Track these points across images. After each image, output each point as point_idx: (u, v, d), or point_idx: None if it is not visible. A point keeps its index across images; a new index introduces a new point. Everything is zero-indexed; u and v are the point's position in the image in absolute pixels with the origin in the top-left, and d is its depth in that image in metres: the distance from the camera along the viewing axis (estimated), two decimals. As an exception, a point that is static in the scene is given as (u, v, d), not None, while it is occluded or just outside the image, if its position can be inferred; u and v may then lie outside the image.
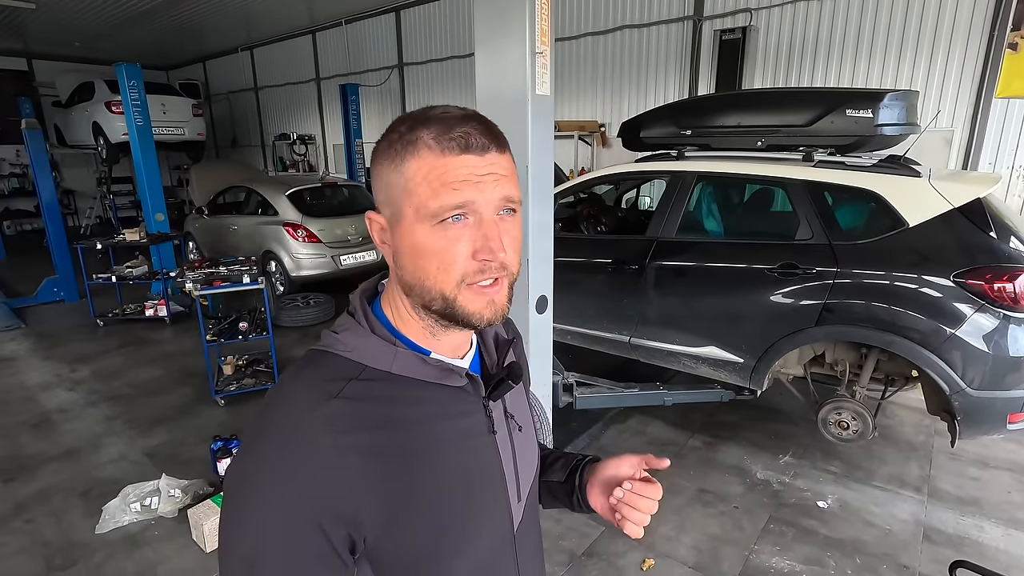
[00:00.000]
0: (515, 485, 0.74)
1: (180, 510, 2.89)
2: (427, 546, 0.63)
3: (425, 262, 0.61)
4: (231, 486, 0.60)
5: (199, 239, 7.94)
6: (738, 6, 5.87)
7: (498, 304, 0.63)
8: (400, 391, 0.63)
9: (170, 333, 5.81)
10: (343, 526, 0.57)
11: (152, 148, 6.64)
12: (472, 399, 0.69)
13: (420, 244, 0.60)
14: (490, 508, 0.71)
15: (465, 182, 0.59)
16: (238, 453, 0.61)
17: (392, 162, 0.62)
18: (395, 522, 0.60)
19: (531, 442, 0.81)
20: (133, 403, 4.20)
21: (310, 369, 0.63)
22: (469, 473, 0.67)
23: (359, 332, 0.65)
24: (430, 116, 0.62)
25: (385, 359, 0.63)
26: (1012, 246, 2.66)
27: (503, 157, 0.62)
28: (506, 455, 0.73)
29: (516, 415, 0.77)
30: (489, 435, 0.70)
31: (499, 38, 2.61)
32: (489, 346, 0.77)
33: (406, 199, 0.60)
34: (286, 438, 0.58)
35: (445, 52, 8.75)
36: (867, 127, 3.05)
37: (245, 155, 13.62)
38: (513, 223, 0.63)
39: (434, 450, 0.64)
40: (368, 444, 0.59)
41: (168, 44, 11.89)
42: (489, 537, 0.71)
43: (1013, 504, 2.91)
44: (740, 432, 3.62)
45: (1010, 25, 4.62)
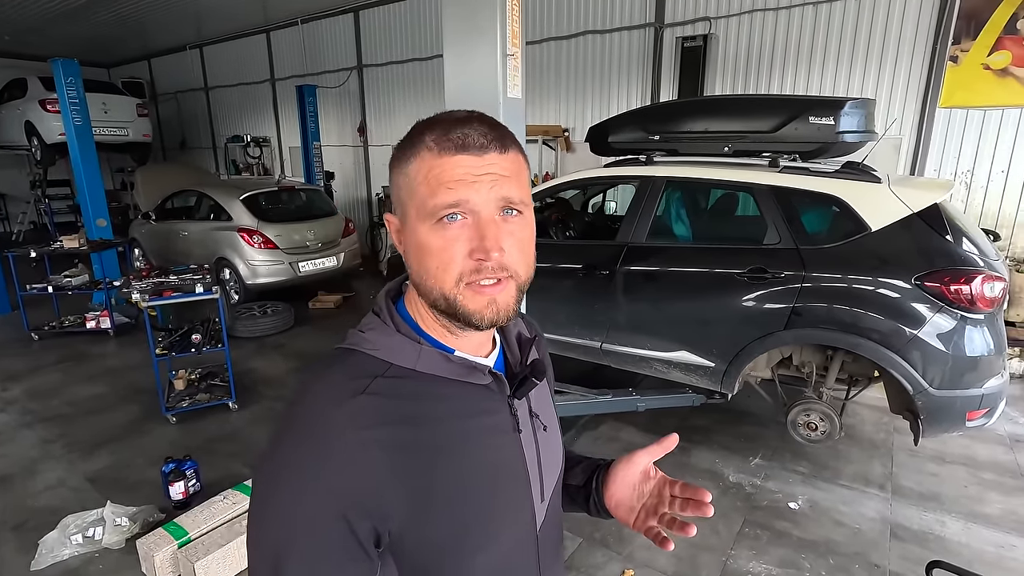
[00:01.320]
0: (539, 485, 0.74)
1: (128, 540, 2.67)
2: (450, 541, 0.63)
3: (426, 261, 0.62)
4: (259, 481, 0.61)
5: (146, 246, 7.52)
6: (697, 15, 5.99)
7: (500, 305, 0.62)
8: (425, 388, 0.64)
9: (114, 346, 5.45)
10: (368, 519, 0.58)
11: (92, 149, 6.24)
12: (497, 397, 0.69)
13: (422, 243, 0.62)
14: (514, 506, 0.71)
15: (460, 181, 0.60)
16: (266, 449, 0.62)
17: (400, 165, 0.64)
18: (419, 517, 0.60)
19: (556, 442, 0.81)
20: (73, 423, 3.90)
21: (336, 366, 0.64)
22: (493, 471, 0.68)
23: (385, 331, 0.66)
24: (436, 119, 0.64)
25: (410, 357, 0.64)
26: (966, 249, 2.76)
27: (505, 157, 0.62)
28: (530, 454, 0.73)
29: (541, 414, 0.77)
30: (514, 433, 0.71)
31: (469, 40, 2.54)
32: (512, 345, 0.78)
33: (410, 200, 0.63)
34: (312, 434, 0.59)
35: (406, 54, 8.60)
36: (829, 134, 3.12)
37: (195, 157, 13.03)
38: (519, 224, 0.63)
39: (458, 447, 0.64)
40: (393, 439, 0.60)
41: (109, 40, 11.24)
42: (512, 535, 0.71)
43: (970, 498, 3.02)
44: (711, 435, 3.65)
45: (951, 39, 4.86)
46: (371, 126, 9.49)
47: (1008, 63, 4.68)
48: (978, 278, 2.64)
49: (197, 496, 3.00)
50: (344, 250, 6.95)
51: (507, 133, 0.64)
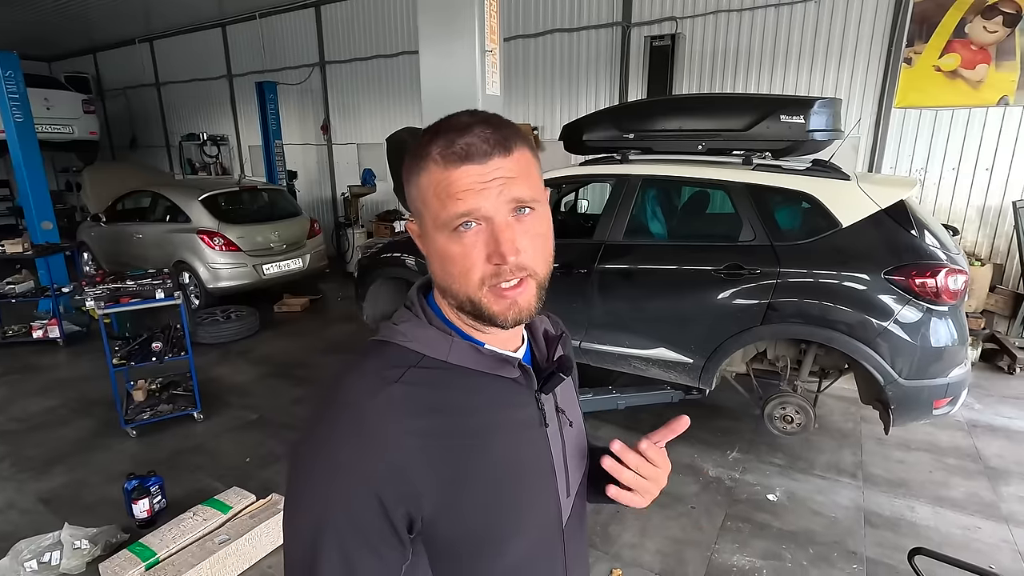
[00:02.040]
0: (565, 480, 0.76)
1: (89, 564, 2.50)
2: (479, 531, 0.65)
3: (450, 267, 0.64)
4: (294, 469, 0.63)
5: (96, 249, 7.14)
6: (664, 14, 6.06)
7: (521, 305, 0.64)
8: (456, 379, 0.66)
9: (64, 357, 5.14)
10: (402, 504, 0.59)
11: (35, 147, 5.87)
12: (525, 392, 0.71)
13: (442, 251, 0.64)
14: (540, 500, 0.72)
15: (468, 191, 0.60)
16: (301, 437, 0.63)
17: (411, 176, 0.65)
18: (450, 504, 0.62)
19: (581, 438, 0.83)
20: (21, 440, 3.65)
21: (371, 357, 0.67)
22: (520, 464, 0.69)
23: (418, 323, 0.68)
24: (440, 127, 0.64)
25: (442, 349, 0.66)
26: (930, 243, 2.86)
27: (509, 159, 0.62)
28: (556, 449, 0.74)
29: (567, 411, 0.79)
30: (541, 428, 0.72)
31: (447, 36, 2.48)
32: (539, 341, 0.79)
33: (424, 211, 0.65)
34: (348, 421, 0.61)
35: (370, 51, 8.42)
36: (799, 132, 3.18)
37: (147, 156, 12.46)
38: (534, 221, 0.64)
39: (488, 438, 0.66)
40: (426, 427, 0.61)
41: (48, 32, 10.60)
42: (538, 529, 0.72)
43: (936, 483, 3.14)
44: (689, 431, 3.57)
45: (905, 42, 5.06)
46: (335, 124, 9.26)
47: (957, 65, 4.91)
48: (942, 272, 2.74)
49: (163, 514, 2.84)
50: (310, 251, 6.75)
51: (510, 132, 0.63)
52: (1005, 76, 4.75)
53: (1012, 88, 4.74)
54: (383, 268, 4.48)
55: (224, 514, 2.65)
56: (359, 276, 4.76)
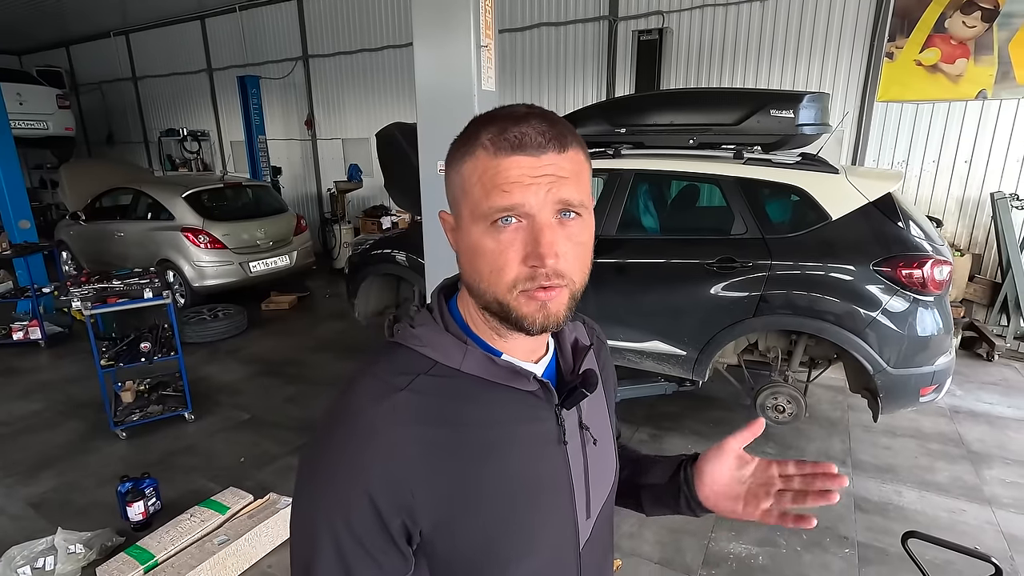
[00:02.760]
0: (584, 500, 0.72)
1: (84, 568, 2.47)
2: (481, 550, 0.62)
3: (479, 263, 0.60)
4: (300, 469, 0.63)
5: (75, 248, 6.98)
6: (651, 8, 6.08)
7: (551, 311, 0.60)
8: (468, 389, 0.63)
9: (47, 359, 5.03)
10: (399, 515, 0.58)
11: (10, 144, 5.73)
12: (543, 405, 0.67)
13: (475, 245, 0.60)
14: (553, 521, 0.69)
15: (516, 183, 0.57)
16: (309, 441, 0.63)
17: (455, 163, 0.62)
18: (451, 520, 0.60)
19: (608, 457, 0.78)
20: (7, 444, 3.58)
21: (383, 361, 0.65)
22: (532, 482, 0.66)
23: (434, 328, 0.66)
24: (494, 115, 0.61)
25: (456, 357, 0.64)
26: (916, 235, 2.93)
27: (564, 157, 0.59)
28: (577, 468, 0.71)
29: (592, 427, 0.74)
30: (559, 445, 0.69)
31: (442, 30, 2.46)
32: (566, 351, 0.74)
33: (463, 200, 0.61)
34: (353, 426, 0.59)
35: (355, 44, 8.32)
36: (789, 126, 3.24)
37: (125, 153, 12.18)
38: (578, 227, 0.60)
39: (496, 452, 0.63)
40: (430, 438, 0.59)
41: (20, 25, 10.30)
42: (551, 551, 0.68)
43: (921, 468, 3.23)
44: (682, 422, 3.74)
45: (887, 36, 5.15)
46: (320, 119, 9.15)
47: (937, 60, 5.01)
48: (928, 262, 2.81)
49: (158, 516, 2.81)
50: (297, 248, 6.68)
51: (567, 130, 0.60)
52: (983, 70, 4.86)
53: (990, 82, 4.86)
54: (374, 265, 4.46)
55: (222, 515, 2.63)
56: (350, 273, 4.73)
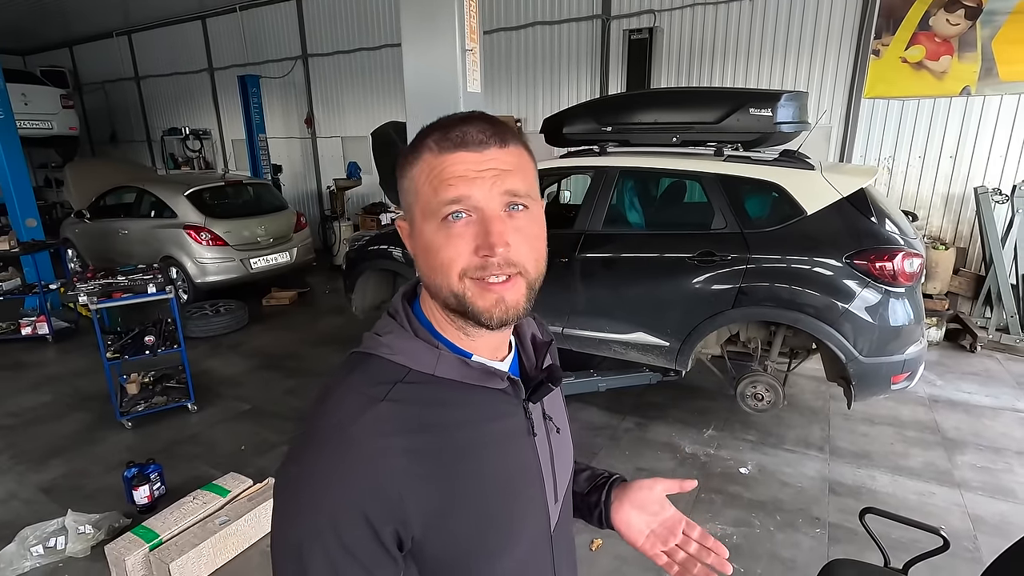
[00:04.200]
0: (552, 486, 0.75)
1: (94, 547, 2.61)
2: (470, 547, 0.64)
3: (433, 259, 0.62)
4: (281, 489, 0.62)
5: (80, 246, 7.13)
6: (643, 7, 6.18)
7: (509, 303, 0.61)
8: (443, 394, 0.64)
9: (54, 353, 5.18)
10: (391, 523, 0.58)
11: (17, 144, 5.88)
12: (512, 401, 0.70)
13: (428, 243, 0.62)
14: (531, 509, 0.72)
15: (461, 178, 0.59)
16: (287, 456, 0.62)
17: (405, 170, 0.65)
18: (439, 522, 0.61)
19: (568, 443, 0.83)
20: (18, 434, 3.72)
21: (356, 373, 0.65)
22: (510, 475, 0.69)
23: (403, 335, 0.66)
24: (439, 122, 0.64)
25: (428, 362, 0.64)
26: (888, 229, 3.04)
27: (506, 151, 0.62)
28: (544, 457, 0.74)
29: (554, 417, 0.78)
30: (529, 437, 0.72)
31: (428, 35, 2.58)
32: (528, 348, 0.78)
33: (415, 202, 0.63)
34: (335, 441, 0.59)
35: (353, 43, 8.43)
36: (767, 124, 3.34)
37: (128, 151, 12.33)
38: (526, 219, 0.62)
39: (477, 452, 0.65)
40: (414, 446, 0.60)
41: (24, 25, 10.43)
42: (529, 538, 0.71)
43: (896, 454, 3.34)
44: (667, 411, 3.86)
45: (873, 34, 5.24)
46: (319, 117, 9.27)
47: (922, 57, 5.09)
48: (899, 255, 2.92)
49: (162, 500, 2.95)
50: (297, 245, 6.81)
51: (508, 129, 0.63)
52: (967, 67, 4.95)
53: (974, 79, 4.94)
54: (371, 260, 4.59)
55: (223, 497, 2.76)
56: (347, 268, 4.86)
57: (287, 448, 0.65)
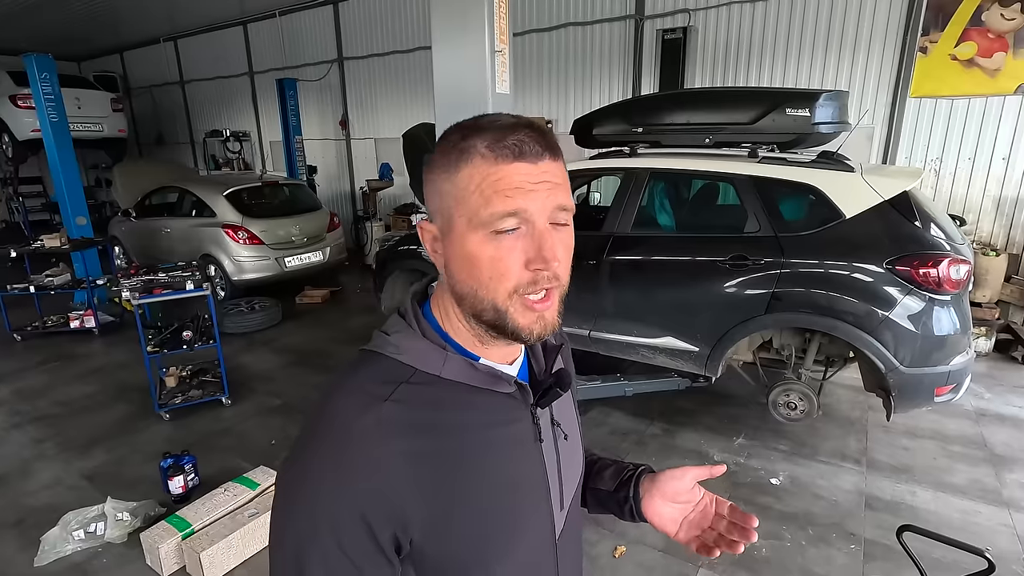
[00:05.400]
0: (558, 494, 0.74)
1: (130, 534, 2.71)
2: (470, 551, 0.63)
3: (478, 272, 0.60)
4: (283, 487, 0.62)
5: (127, 244, 7.43)
6: (677, 7, 6.08)
7: (548, 320, 0.62)
8: (449, 396, 0.64)
9: (100, 345, 5.41)
10: (390, 526, 0.58)
11: (70, 146, 6.13)
12: (520, 406, 0.69)
13: (473, 253, 0.60)
14: (534, 517, 0.71)
15: (518, 189, 0.58)
16: (290, 455, 0.62)
17: (445, 171, 0.61)
18: (440, 526, 0.61)
19: (577, 450, 0.81)
20: (64, 423, 3.90)
21: (361, 371, 0.64)
22: (514, 481, 0.68)
23: (410, 335, 0.66)
24: (482, 124, 0.61)
25: (435, 364, 0.64)
26: (933, 234, 2.91)
27: (556, 165, 0.62)
28: (551, 463, 0.73)
29: (563, 423, 0.77)
30: (535, 443, 0.71)
31: (458, 37, 2.59)
32: (537, 352, 0.77)
33: (458, 208, 0.60)
34: (337, 440, 0.59)
35: (387, 47, 8.56)
36: (805, 125, 3.24)
37: (173, 153, 12.81)
38: (567, 233, 0.63)
39: (481, 456, 0.64)
40: (416, 448, 0.60)
41: (79, 33, 10.95)
42: (531, 545, 0.71)
43: (939, 469, 3.19)
44: (696, 418, 3.78)
45: (920, 31, 5.03)
46: (353, 119, 9.44)
47: (974, 54, 4.86)
48: (945, 261, 2.79)
49: (196, 490, 3.04)
50: (330, 244, 6.95)
51: (555, 141, 0.63)
52: (1023, 64, 4.70)
53: (1030, 76, 4.69)
54: (400, 260, 4.64)
55: (252, 490, 2.83)
56: (377, 268, 4.93)
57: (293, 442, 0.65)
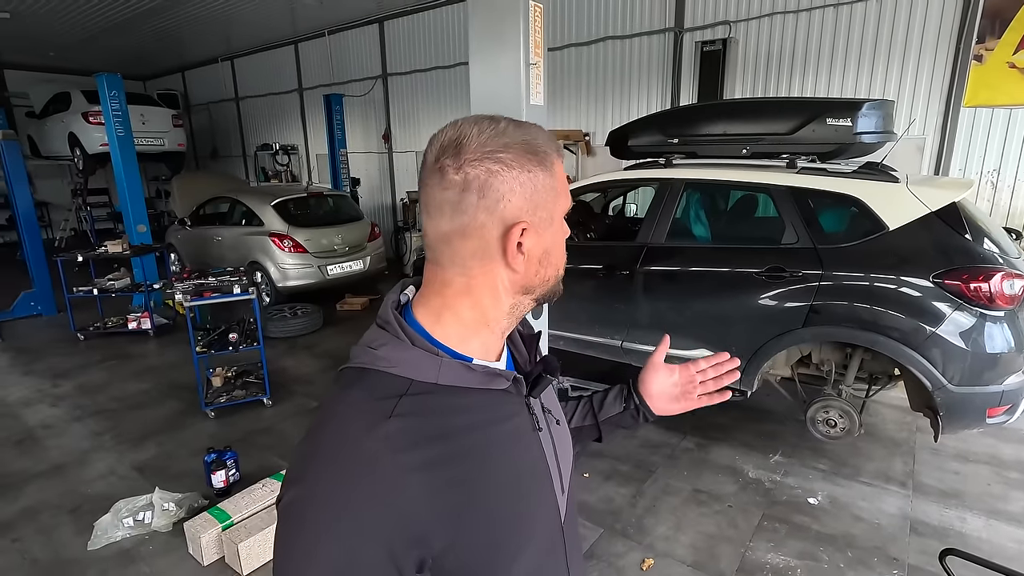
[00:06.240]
0: (559, 478, 0.75)
1: (175, 524, 2.85)
2: (490, 551, 0.63)
3: (557, 259, 0.68)
4: (291, 516, 0.57)
5: (181, 251, 7.83)
6: (717, 18, 6.04)
7: None
8: (449, 401, 0.63)
9: (154, 346, 5.71)
10: (415, 549, 0.56)
11: (134, 159, 6.55)
12: (515, 400, 0.70)
13: (552, 246, 0.67)
14: (544, 507, 0.72)
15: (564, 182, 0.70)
16: (291, 482, 0.59)
17: (539, 165, 0.64)
18: (460, 532, 0.60)
19: (567, 433, 0.84)
20: (120, 417, 4.13)
21: (356, 389, 0.62)
22: (522, 474, 0.69)
23: (399, 345, 0.63)
24: (527, 124, 0.66)
25: (431, 371, 0.62)
26: (986, 247, 2.78)
27: None
28: (548, 450, 0.74)
29: (552, 409, 0.79)
30: (534, 432, 0.72)
31: (494, 50, 2.67)
32: (518, 344, 0.79)
33: (555, 203, 0.66)
34: (347, 464, 0.56)
35: (429, 62, 8.81)
36: (846, 135, 3.17)
37: (226, 166, 13.48)
38: None
39: (489, 455, 0.64)
40: (428, 459, 0.58)
41: (146, 54, 11.74)
42: (544, 533, 0.71)
43: (993, 496, 3.02)
44: (731, 433, 3.70)
45: (975, 38, 4.84)
46: (396, 133, 9.73)
47: (1034, 61, 4.64)
48: (997, 275, 2.66)
49: (237, 485, 3.17)
50: (370, 254, 7.15)
51: None
52: (1089, 71, 4.46)
53: (1097, 84, 4.45)
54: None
55: (289, 487, 2.93)
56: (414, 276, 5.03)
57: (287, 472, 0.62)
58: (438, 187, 0.63)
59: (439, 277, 0.67)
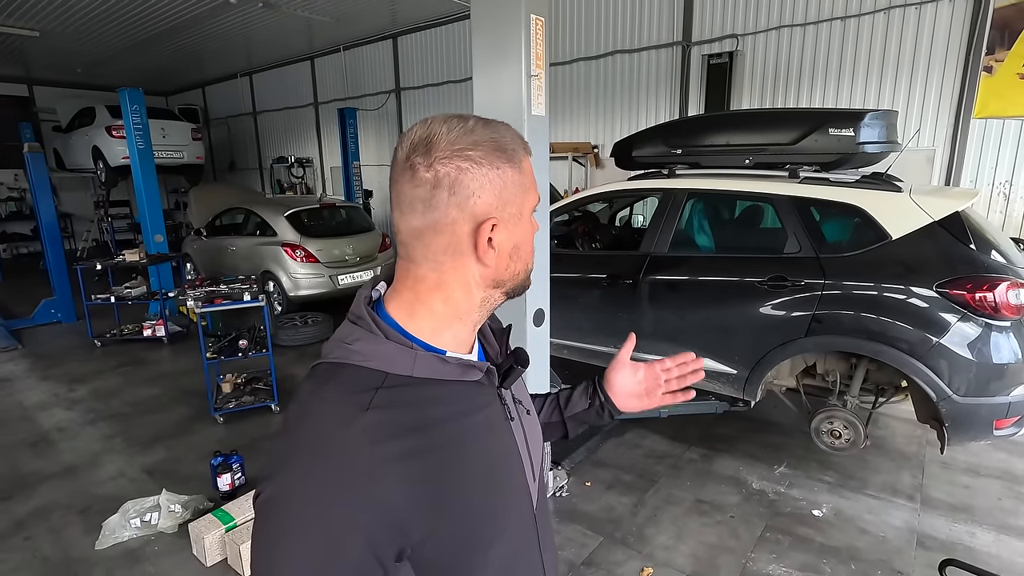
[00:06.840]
0: (530, 466, 0.77)
1: (180, 525, 2.89)
2: (467, 540, 0.64)
3: (525, 253, 0.70)
4: (269, 511, 0.58)
5: (197, 260, 7.99)
6: (724, 32, 6.09)
7: None
8: (425, 393, 0.64)
9: (168, 353, 5.83)
10: (394, 538, 0.58)
11: (153, 171, 6.73)
12: (488, 391, 0.72)
13: (522, 241, 0.69)
14: (517, 495, 0.74)
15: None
16: (268, 478, 0.59)
17: (511, 162, 0.66)
18: (437, 522, 0.61)
19: (536, 424, 0.87)
20: (132, 421, 4.21)
21: (332, 384, 0.63)
22: (497, 463, 0.71)
23: (373, 340, 0.64)
24: (494, 122, 0.67)
25: (406, 364, 0.64)
26: (992, 257, 2.76)
27: None
28: (520, 439, 0.76)
29: (523, 400, 0.82)
30: (507, 422, 0.74)
31: (496, 62, 2.72)
32: (488, 337, 0.81)
33: (524, 198, 0.68)
34: (326, 457, 0.57)
35: (441, 77, 8.96)
36: (849, 145, 3.17)
37: (243, 178, 13.76)
38: None
39: (464, 446, 0.66)
40: (406, 450, 0.59)
41: (168, 70, 12.10)
42: (517, 519, 0.73)
43: (1004, 511, 2.96)
44: (735, 444, 3.67)
45: (984, 49, 4.82)
46: (408, 146, 9.86)
47: (1045, 72, 4.61)
48: (1002, 285, 2.64)
49: (242, 488, 3.21)
50: (381, 264, 7.23)
51: None
52: (1102, 82, 4.42)
53: (1110, 94, 4.40)
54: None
55: (292, 490, 2.97)
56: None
57: (262, 470, 0.61)
58: (409, 184, 0.64)
59: (411, 272, 0.68)
